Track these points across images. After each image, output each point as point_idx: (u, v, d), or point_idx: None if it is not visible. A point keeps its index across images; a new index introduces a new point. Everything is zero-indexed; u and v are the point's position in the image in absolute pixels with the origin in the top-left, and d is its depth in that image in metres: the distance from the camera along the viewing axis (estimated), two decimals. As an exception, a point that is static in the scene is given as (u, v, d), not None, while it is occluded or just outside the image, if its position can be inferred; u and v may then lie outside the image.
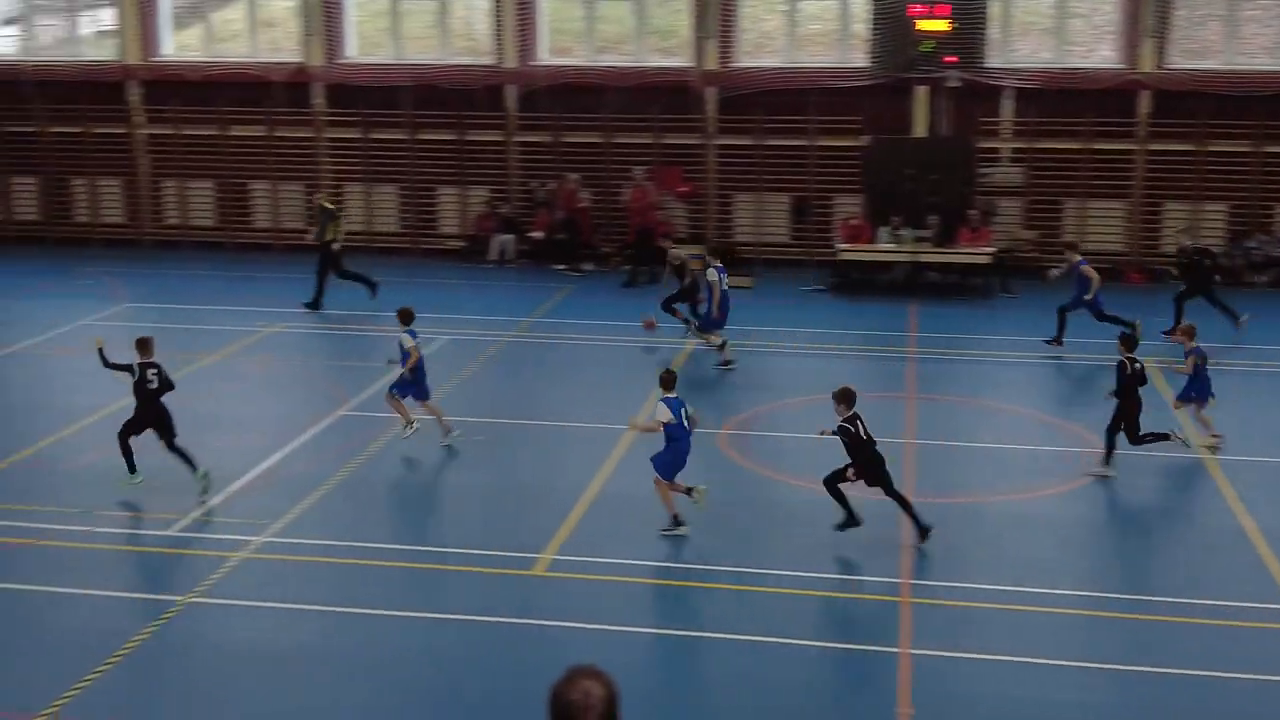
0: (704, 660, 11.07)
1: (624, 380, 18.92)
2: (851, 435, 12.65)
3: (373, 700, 10.24)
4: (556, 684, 4.33)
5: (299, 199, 27.81)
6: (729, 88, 26.27)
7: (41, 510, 13.82)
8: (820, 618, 11.92)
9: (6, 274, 25.65)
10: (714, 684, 10.72)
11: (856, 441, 12.64)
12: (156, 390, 14.10)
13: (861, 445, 12.69)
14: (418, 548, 13.00)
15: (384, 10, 27.98)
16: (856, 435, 12.65)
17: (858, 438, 12.66)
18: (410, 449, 15.87)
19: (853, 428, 12.65)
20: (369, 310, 22.17)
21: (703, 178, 26.71)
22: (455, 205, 27.59)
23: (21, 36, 29.18)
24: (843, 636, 11.50)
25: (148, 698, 10.26)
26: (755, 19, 27.54)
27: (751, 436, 16.40)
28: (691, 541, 13.30)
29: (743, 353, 20.29)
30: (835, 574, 12.60)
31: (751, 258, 26.25)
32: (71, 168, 28.46)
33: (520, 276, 25.83)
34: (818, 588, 12.20)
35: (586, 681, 4.31)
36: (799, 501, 14.25)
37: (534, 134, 26.98)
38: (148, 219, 28.37)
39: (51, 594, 12.06)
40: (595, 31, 27.50)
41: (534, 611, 11.66)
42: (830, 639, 11.47)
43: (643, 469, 15.09)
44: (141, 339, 14.37)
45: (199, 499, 13.89)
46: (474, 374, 19.05)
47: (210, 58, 28.22)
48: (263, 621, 11.56)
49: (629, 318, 22.06)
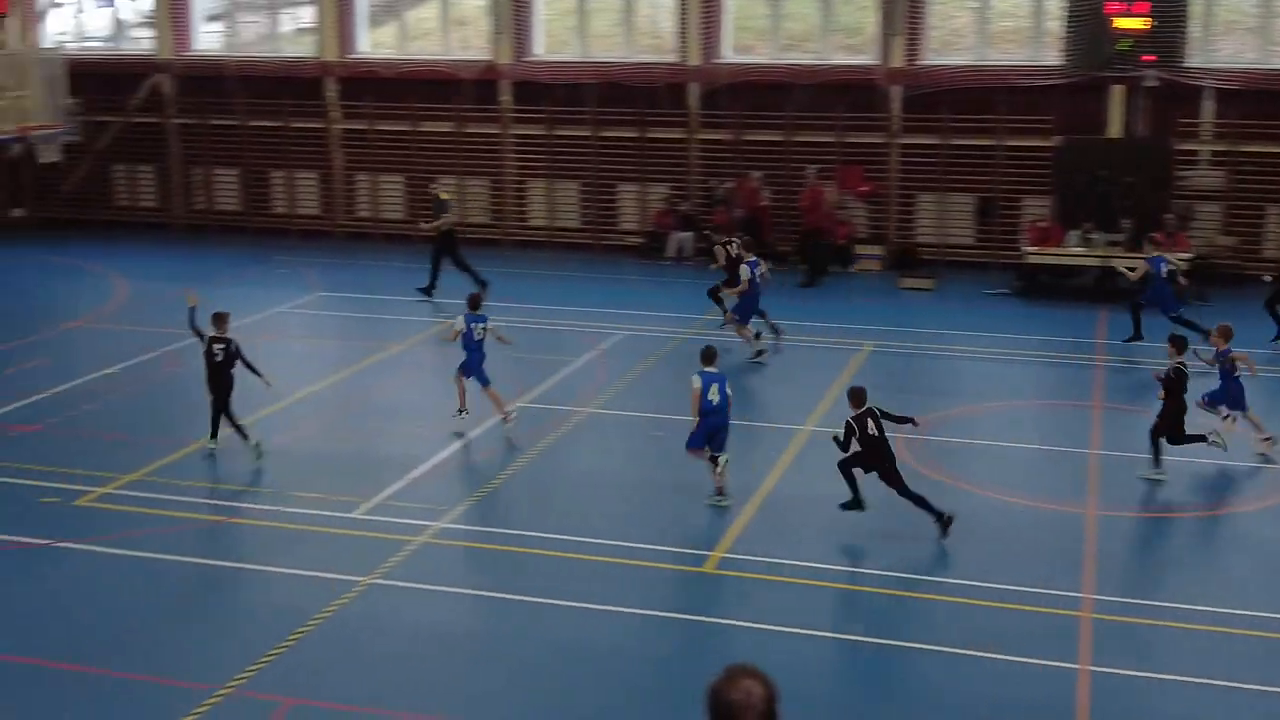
0: (869, 666, 10.91)
1: (798, 380, 18.78)
2: (858, 432, 12.88)
3: (541, 689, 10.39)
4: (715, 682, 4.29)
5: (484, 194, 28.38)
6: (915, 86, 25.85)
7: (236, 489, 14.41)
8: (996, 630, 11.59)
9: (208, 262, 26.80)
10: (880, 691, 10.56)
11: (864, 437, 12.89)
12: (222, 363, 14.97)
13: (869, 442, 12.89)
14: (590, 540, 13.12)
15: (571, 9, 28.35)
16: (864, 433, 12.87)
17: (866, 435, 12.88)
18: (587, 444, 16.04)
19: (859, 423, 12.89)
20: (553, 304, 22.50)
21: (885, 177, 26.34)
22: (635, 202, 27.78)
23: (225, 33, 30.44)
24: (1020, 650, 11.17)
25: (325, 676, 10.57)
26: (944, 15, 27.02)
27: (930, 442, 16.10)
28: (862, 546, 13.14)
29: (923, 356, 19.97)
30: (1014, 585, 12.26)
31: (933, 259, 25.80)
32: (270, 161, 29.58)
33: (697, 274, 25.84)
34: (993, 598, 11.89)
35: (747, 680, 4.27)
36: (977, 510, 13.93)
37: (715, 131, 26.99)
38: (340, 211, 29.31)
39: (242, 570, 12.57)
40: (780, 29, 27.37)
41: (702, 609, 11.68)
42: (1006, 652, 11.15)
43: (817, 470, 14.98)
44: (217, 314, 15.23)
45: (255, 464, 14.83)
46: (648, 370, 19.15)
47: (403, 55, 29.01)
48: (438, 605, 11.83)
49: (804, 317, 21.90)
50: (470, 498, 14.18)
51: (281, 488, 14.42)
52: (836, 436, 13.12)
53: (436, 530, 13.31)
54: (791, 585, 12.16)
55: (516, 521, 13.67)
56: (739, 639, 11.06)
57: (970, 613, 11.66)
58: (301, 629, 11.19)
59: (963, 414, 17.38)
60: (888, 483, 13.03)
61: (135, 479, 14.70)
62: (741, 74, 26.62)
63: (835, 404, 17.44)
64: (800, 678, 10.32)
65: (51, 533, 13.20)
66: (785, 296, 23.89)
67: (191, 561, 12.63)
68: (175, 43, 29.56)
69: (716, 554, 12.75)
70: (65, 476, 14.60)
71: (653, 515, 13.98)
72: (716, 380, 13.83)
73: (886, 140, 26.16)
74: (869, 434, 12.88)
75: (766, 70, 26.59)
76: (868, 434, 12.87)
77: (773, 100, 26.41)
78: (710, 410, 13.74)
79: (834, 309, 22.72)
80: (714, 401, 13.77)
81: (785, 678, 4.39)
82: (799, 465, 15.19)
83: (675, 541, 13.06)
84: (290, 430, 16.38)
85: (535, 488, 14.75)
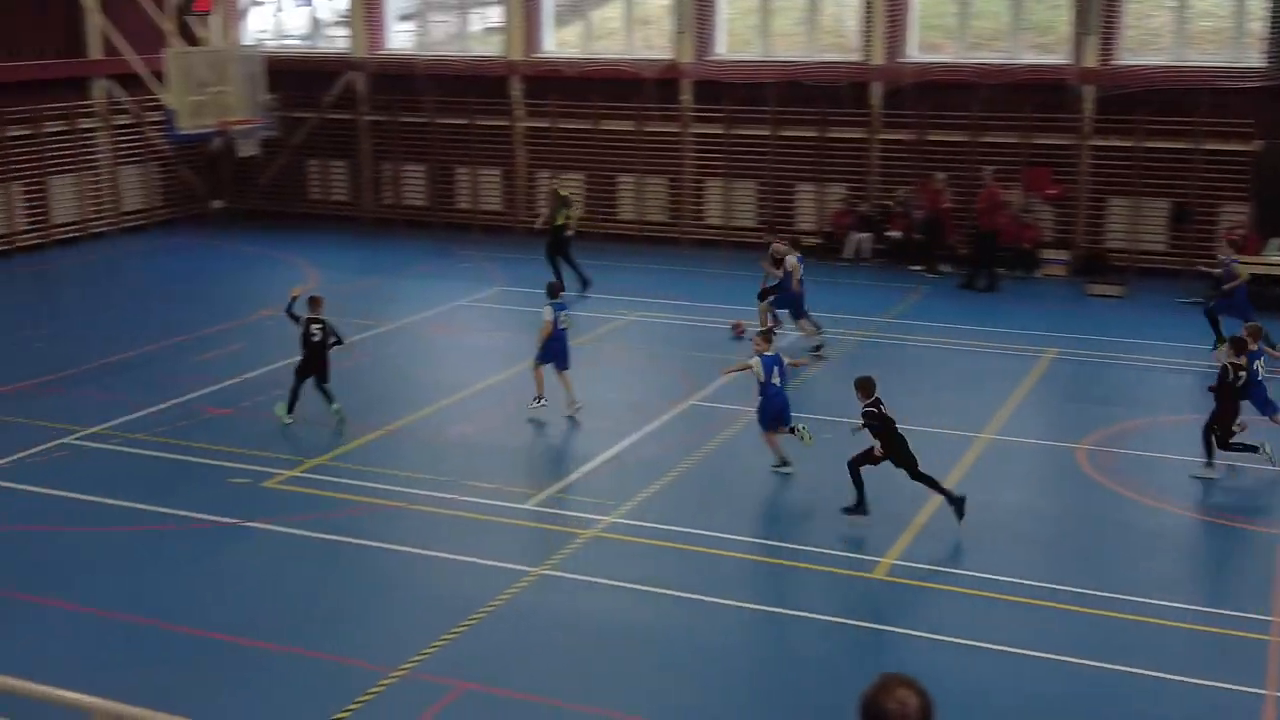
0: (1037, 679, 10.59)
1: (973, 386, 18.39)
2: (877, 417, 13.25)
3: (703, 687, 10.41)
4: (869, 691, 4.22)
5: (662, 193, 28.53)
6: (1109, 86, 25.05)
7: (415, 476, 14.80)
8: (1175, 649, 11.18)
9: (394, 255, 27.59)
10: (1048, 708, 10.25)
11: (883, 420, 13.25)
12: (319, 342, 16.19)
13: (887, 424, 13.25)
14: (757, 540, 13.09)
15: (754, 8, 28.29)
16: (882, 415, 13.25)
17: (883, 417, 13.25)
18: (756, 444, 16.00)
19: (876, 410, 13.27)
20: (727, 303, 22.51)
21: (1074, 180, 25.60)
22: (813, 202, 27.58)
23: (416, 33, 31.26)
24: (1201, 672, 10.74)
25: (496, 663, 10.78)
26: (1140, 15, 26.12)
27: (1114, 454, 15.60)
28: (1042, 559, 12.82)
29: (1109, 365, 19.35)
30: (1196, 605, 11.80)
31: (1124, 265, 24.98)
32: (456, 157, 30.27)
33: (875, 276, 25.55)
34: (1171, 617, 11.46)
35: (902, 690, 4.19)
36: (1157, 525, 13.46)
37: (897, 131, 26.62)
38: (522, 207, 29.83)
39: (419, 555, 12.90)
40: (968, 27, 26.84)
41: (870, 615, 11.54)
42: (1186, 673, 10.73)
43: (994, 478, 14.67)
44: (313, 297, 16.50)
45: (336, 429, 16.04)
46: (821, 372, 19.00)
47: (586, 54, 29.36)
48: (606, 599, 11.96)
49: (985, 323, 21.46)
50: (640, 493, 14.29)
51: (458, 477, 14.75)
52: (859, 428, 13.59)
53: (606, 524, 13.45)
54: (964, 596, 11.92)
55: (685, 519, 13.72)
56: (906, 648, 10.90)
57: (1154, 632, 11.26)
58: (474, 616, 11.44)
59: (1149, 425, 16.78)
60: (904, 464, 13.29)
61: (320, 463, 15.23)
62: (926, 73, 26.19)
63: (1015, 412, 17.05)
64: (970, 693, 10.12)
65: (240, 513, 13.77)
66: (961, 299, 23.45)
67: (371, 545, 13.02)
68: (369, 42, 30.49)
69: (887, 560, 12.58)
70: (254, 459, 15.21)
71: (822, 518, 13.86)
72: (775, 363, 14.73)
73: (1077, 142, 25.42)
74: (887, 417, 13.28)
75: (952, 69, 26.10)
76: (886, 417, 13.27)
77: (958, 100, 25.92)
78: (770, 391, 14.68)
79: (1016, 314, 22.16)
80: (776, 384, 14.70)
81: (952, 691, 4.30)
82: (975, 473, 14.88)
83: (846, 546, 12.94)
84: (468, 421, 16.75)
85: (705, 486, 14.78)
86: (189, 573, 12.58)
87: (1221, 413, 14.60)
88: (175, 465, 15.26)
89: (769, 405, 14.77)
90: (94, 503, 14.08)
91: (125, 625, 11.36)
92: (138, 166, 29.86)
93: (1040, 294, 24.04)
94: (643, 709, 10.09)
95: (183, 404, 17.29)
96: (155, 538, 13.36)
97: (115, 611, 11.58)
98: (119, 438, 16.03)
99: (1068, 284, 24.66)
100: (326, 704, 9.99)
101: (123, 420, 16.58)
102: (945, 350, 20.18)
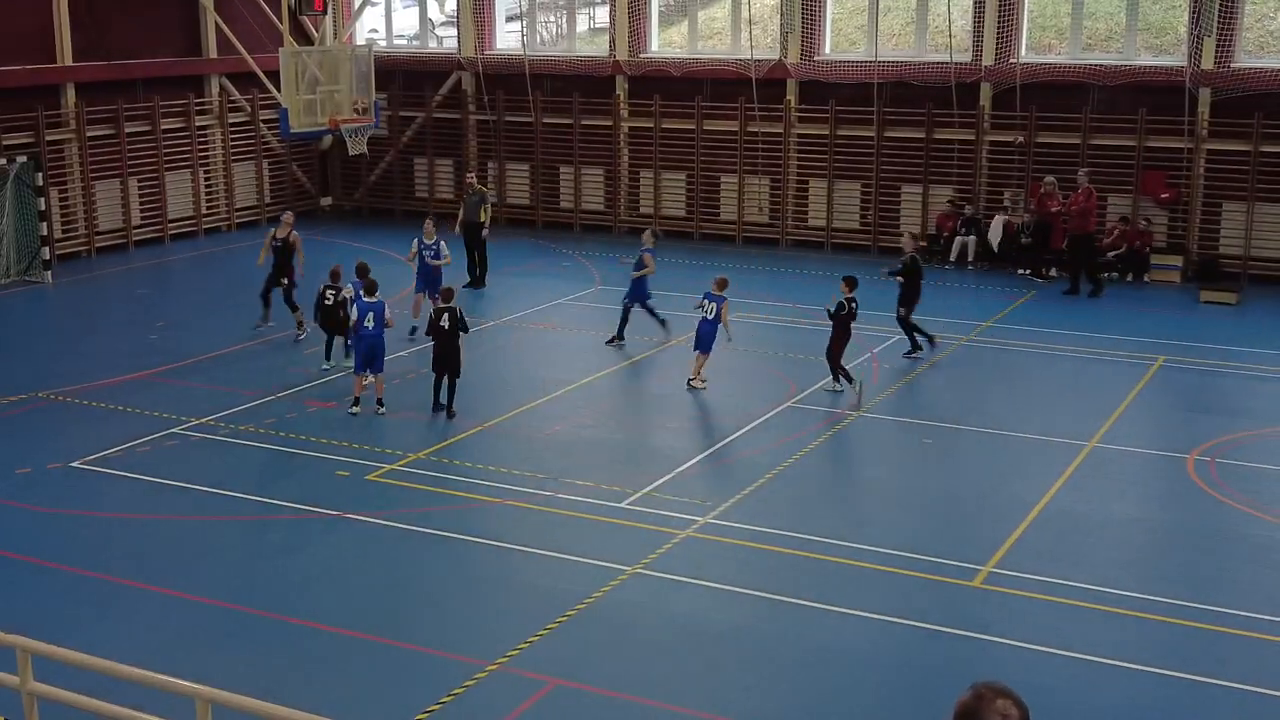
0: (1134, 690, 10.34)
1: (1080, 393, 18.04)
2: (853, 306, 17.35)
3: (797, 691, 10.35)
4: (964, 701, 4.15)
5: (764, 193, 28.41)
6: (1226, 89, 24.41)
7: (514, 473, 14.92)
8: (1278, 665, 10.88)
9: (497, 253, 27.76)
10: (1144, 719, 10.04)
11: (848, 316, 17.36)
12: (332, 305, 18.21)
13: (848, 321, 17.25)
14: (853, 544, 12.98)
15: (861, 8, 28.05)
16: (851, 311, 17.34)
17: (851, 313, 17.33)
18: (854, 448, 15.89)
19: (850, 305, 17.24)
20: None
21: (1188, 184, 24.98)
22: (917, 204, 27.27)
23: (523, 33, 31.50)
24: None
25: (589, 660, 10.83)
26: (1259, 16, 25.42)
27: (1223, 464, 15.20)
28: (1145, 570, 12.55)
29: (1222, 374, 18.88)
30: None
31: (1237, 272, 24.34)
32: (560, 157, 30.45)
33: (980, 279, 25.19)
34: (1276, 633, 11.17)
35: (1000, 700, 4.12)
36: (1267, 538, 13.10)
37: (1006, 133, 26.20)
38: (624, 207, 29.91)
39: (515, 550, 13.01)
40: (1081, 28, 26.33)
41: (968, 623, 11.38)
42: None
43: (1099, 488, 14.39)
44: (333, 269, 18.68)
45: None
46: (923, 375, 18.78)
47: (692, 54, 29.36)
48: (700, 599, 11.94)
49: (1094, 328, 21.06)
50: (736, 494, 14.25)
51: (556, 474, 14.85)
52: (828, 308, 17.26)
53: (701, 524, 13.44)
54: (1065, 605, 11.70)
55: (781, 521, 13.66)
56: (1002, 656, 10.73)
57: (1258, 647, 10.95)
58: (569, 612, 11.50)
59: (1262, 436, 16.31)
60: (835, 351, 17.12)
61: (421, 457, 15.43)
62: (1036, 74, 25.75)
63: (1121, 419, 16.70)
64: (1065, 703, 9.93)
65: (342, 505, 14.00)
66: (1067, 304, 23.01)
67: (469, 540, 13.15)
68: (477, 42, 30.81)
69: (986, 568, 12.40)
70: (357, 452, 15.46)
71: (920, 523, 13.71)
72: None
73: (1191, 145, 24.82)
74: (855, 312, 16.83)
75: (1063, 70, 25.62)
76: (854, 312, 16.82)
77: (1068, 101, 25.45)
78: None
79: (1126, 320, 21.70)
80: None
81: (1047, 702, 4.22)
82: (1080, 482, 14.61)
83: (944, 553, 12.76)
84: (566, 418, 16.85)
85: (800, 489, 14.69)
86: (290, 563, 12.83)
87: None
88: (280, 457, 15.58)
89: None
90: (201, 492, 14.42)
91: (228, 613, 11.62)
92: (250, 163, 30.52)
93: (1151, 300, 23.51)
94: (733, 710, 10.06)
95: (289, 397, 17.63)
96: (259, 528, 13.64)
97: (218, 599, 11.85)
98: (226, 429, 16.40)
99: (1180, 290, 24.10)
100: (422, 695, 10.12)
101: (230, 411, 16.96)
102: (1051, 356, 19.82)
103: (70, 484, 14.67)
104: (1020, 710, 4.10)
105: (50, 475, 14.89)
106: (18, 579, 12.31)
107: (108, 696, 7.78)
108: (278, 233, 20.68)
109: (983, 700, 4.12)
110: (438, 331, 16.58)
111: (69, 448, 15.64)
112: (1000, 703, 4.10)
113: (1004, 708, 4.09)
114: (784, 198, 28.26)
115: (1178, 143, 24.90)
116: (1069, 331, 20.97)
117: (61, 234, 26.62)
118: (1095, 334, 20.78)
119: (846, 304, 17.45)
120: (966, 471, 15.21)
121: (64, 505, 14.09)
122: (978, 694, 4.14)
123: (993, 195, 26.48)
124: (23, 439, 16.11)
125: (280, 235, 20.59)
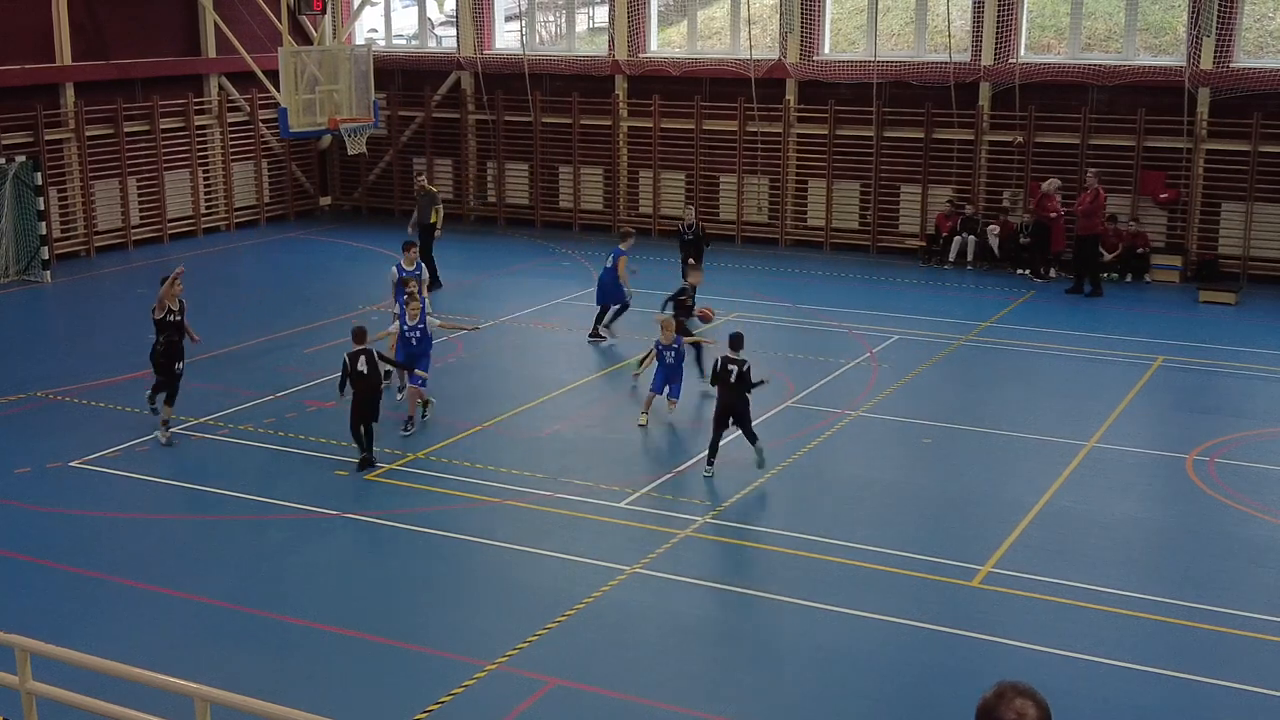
0: (1134, 691, 10.34)
1: (1079, 393, 18.04)
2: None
3: (797, 692, 10.35)
4: (986, 699, 4.19)
5: (763, 193, 28.40)
6: (1225, 89, 24.42)
7: (513, 473, 14.92)
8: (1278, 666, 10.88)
9: (497, 252, 27.85)
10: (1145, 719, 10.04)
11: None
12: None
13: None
14: (853, 545, 12.97)
15: (860, 7, 28.04)
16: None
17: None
18: (854, 448, 15.89)
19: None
20: (827, 305, 22.37)
21: (1187, 184, 24.98)
22: (916, 204, 27.27)
23: (523, 32, 31.49)
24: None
25: (589, 660, 10.82)
26: (1259, 16, 25.43)
27: (1224, 465, 15.20)
28: (1145, 570, 12.55)
29: (1221, 374, 18.89)
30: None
31: (1236, 272, 24.35)
32: (559, 157, 30.45)
33: (979, 279, 25.20)
34: (1275, 633, 11.14)
35: (1020, 699, 4.16)
36: (1266, 538, 13.09)
37: (1005, 133, 26.21)
38: (624, 207, 29.91)
39: (514, 550, 13.00)
40: (1081, 28, 26.33)
41: (967, 623, 11.38)
42: None
43: (1097, 488, 14.39)
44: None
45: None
46: (922, 375, 18.78)
47: (691, 54, 29.36)
48: (700, 600, 11.94)
49: (1092, 328, 21.06)
50: (735, 495, 14.25)
51: (556, 473, 14.85)
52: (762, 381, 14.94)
53: (700, 525, 13.44)
54: (1064, 605, 11.70)
55: (780, 522, 13.66)
56: (1004, 657, 10.72)
57: (1258, 647, 10.95)
58: (568, 612, 11.50)
59: (1262, 436, 16.32)
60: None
61: (420, 457, 15.43)
62: (1036, 74, 25.75)
63: (1121, 419, 16.70)
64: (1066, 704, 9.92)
65: (342, 505, 14.00)
66: (1067, 304, 23.02)
67: (468, 539, 13.15)
68: (477, 42, 30.80)
69: (986, 568, 12.40)
70: (356, 453, 15.43)
71: (919, 523, 13.71)
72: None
73: (1191, 145, 24.82)
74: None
75: (1063, 70, 25.63)
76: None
77: (1067, 101, 25.45)
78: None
79: (1125, 320, 21.71)
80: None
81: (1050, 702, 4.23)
82: (1078, 482, 14.61)
83: (943, 553, 12.76)
84: (565, 418, 16.85)
85: (800, 489, 14.69)
86: (289, 562, 12.83)
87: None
88: (279, 456, 15.58)
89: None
90: (199, 491, 14.42)
91: (227, 613, 11.61)
92: (249, 163, 30.51)
93: (1150, 300, 23.52)
94: (733, 710, 10.06)
95: (288, 396, 17.63)
96: (258, 527, 13.64)
97: (218, 599, 11.84)
98: (225, 428, 16.39)
99: (1179, 290, 24.10)
100: (421, 695, 10.12)
101: (229, 411, 16.96)
102: (1050, 356, 19.82)
103: (69, 483, 14.67)
104: (1039, 710, 4.15)
105: (49, 474, 14.89)
106: (17, 578, 12.31)
107: (107, 696, 7.78)
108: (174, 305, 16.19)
109: (1003, 699, 4.17)
110: (355, 377, 14.91)
111: (68, 447, 15.64)
112: (1019, 702, 4.15)
113: (1021, 707, 4.14)
114: (783, 197, 28.26)
115: (1177, 143, 24.91)
116: (1068, 331, 20.98)
117: (60, 234, 26.63)
118: (1094, 334, 20.78)
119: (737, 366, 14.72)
120: (966, 471, 15.20)
121: (63, 504, 14.09)
122: (999, 692, 4.20)
123: (992, 195, 26.48)
124: (22, 438, 16.12)
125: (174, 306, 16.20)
